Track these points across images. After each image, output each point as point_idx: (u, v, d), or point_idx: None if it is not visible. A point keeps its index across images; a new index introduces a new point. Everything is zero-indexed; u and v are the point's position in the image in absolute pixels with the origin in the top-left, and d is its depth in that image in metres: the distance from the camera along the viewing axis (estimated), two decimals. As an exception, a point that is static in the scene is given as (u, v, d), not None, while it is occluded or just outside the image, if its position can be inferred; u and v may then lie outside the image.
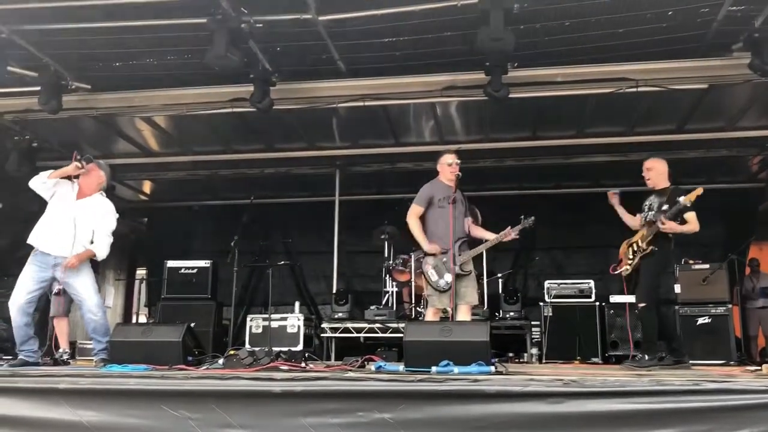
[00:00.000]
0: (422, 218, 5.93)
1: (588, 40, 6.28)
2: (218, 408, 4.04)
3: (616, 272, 5.99)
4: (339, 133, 8.78)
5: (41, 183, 5.66)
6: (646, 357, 5.58)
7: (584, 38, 6.25)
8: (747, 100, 7.51)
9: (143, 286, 10.73)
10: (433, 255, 5.80)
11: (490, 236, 5.98)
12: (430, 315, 5.89)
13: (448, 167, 5.95)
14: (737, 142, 8.48)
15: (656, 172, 5.94)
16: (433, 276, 5.80)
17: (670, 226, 5.55)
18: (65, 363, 5.98)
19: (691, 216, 5.62)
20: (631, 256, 5.84)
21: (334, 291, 9.27)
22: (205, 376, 4.38)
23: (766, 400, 3.67)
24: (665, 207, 5.61)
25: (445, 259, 5.78)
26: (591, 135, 8.52)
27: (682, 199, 5.53)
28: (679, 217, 5.58)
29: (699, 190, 5.53)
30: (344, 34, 6.26)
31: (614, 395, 3.81)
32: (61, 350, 6.20)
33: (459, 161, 5.94)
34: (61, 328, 6.44)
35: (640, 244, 5.75)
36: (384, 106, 7.66)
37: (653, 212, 5.76)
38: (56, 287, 5.89)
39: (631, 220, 6.03)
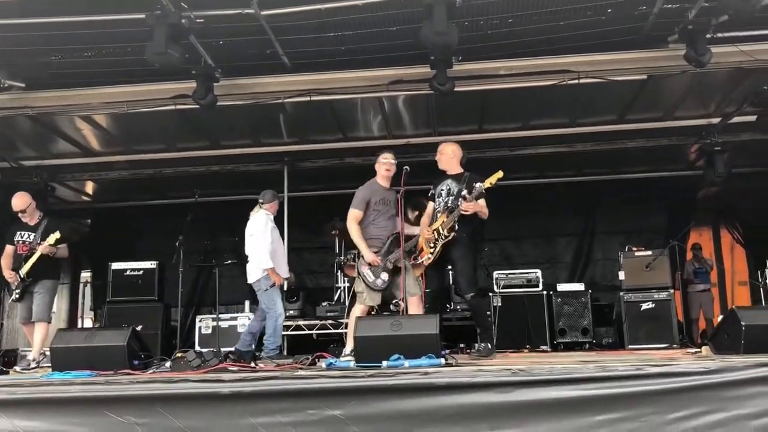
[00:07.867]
0: (359, 220, 5.91)
1: (530, 33, 6.35)
2: (166, 412, 3.98)
3: (419, 262, 5.78)
4: (286, 128, 8.69)
5: None
6: (489, 345, 5.61)
7: (527, 31, 6.32)
8: (684, 90, 7.71)
9: (88, 289, 10.45)
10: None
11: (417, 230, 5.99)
12: (358, 312, 5.83)
13: (382, 165, 5.95)
14: (676, 131, 8.72)
15: (447, 156, 6.00)
16: (369, 276, 5.80)
17: (475, 206, 5.53)
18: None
19: (482, 203, 5.68)
20: (432, 245, 5.68)
21: (285, 288, 9.18)
22: (151, 380, 4.31)
23: (704, 381, 3.82)
24: (464, 192, 5.58)
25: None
26: (535, 127, 8.63)
27: (477, 185, 5.56)
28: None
29: (499, 173, 5.54)
30: (288, 29, 6.17)
31: (561, 382, 3.91)
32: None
33: (394, 161, 5.95)
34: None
35: (441, 231, 5.61)
36: (330, 100, 7.60)
37: (452, 197, 5.74)
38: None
39: (425, 218, 5.95)
